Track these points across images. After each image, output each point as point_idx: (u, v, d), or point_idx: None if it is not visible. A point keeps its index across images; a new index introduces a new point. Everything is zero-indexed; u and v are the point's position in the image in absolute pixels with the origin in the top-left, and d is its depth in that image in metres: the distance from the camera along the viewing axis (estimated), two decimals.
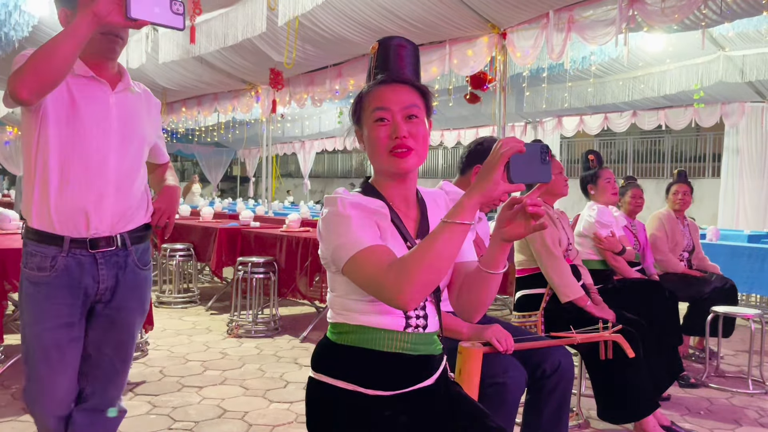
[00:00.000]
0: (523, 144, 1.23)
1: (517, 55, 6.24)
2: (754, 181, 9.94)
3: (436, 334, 1.53)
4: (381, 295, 1.31)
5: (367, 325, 1.45)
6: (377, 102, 1.42)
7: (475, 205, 1.24)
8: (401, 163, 1.41)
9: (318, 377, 1.50)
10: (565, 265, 3.02)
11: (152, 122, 2.07)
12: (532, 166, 1.25)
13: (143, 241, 2.00)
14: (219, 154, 17.78)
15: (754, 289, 5.44)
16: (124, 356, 2.01)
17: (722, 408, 3.44)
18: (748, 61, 8.02)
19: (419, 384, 1.47)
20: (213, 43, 6.99)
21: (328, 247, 1.41)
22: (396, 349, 1.44)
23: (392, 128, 1.40)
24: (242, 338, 4.79)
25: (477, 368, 1.88)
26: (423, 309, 1.49)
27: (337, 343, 1.49)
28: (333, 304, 1.51)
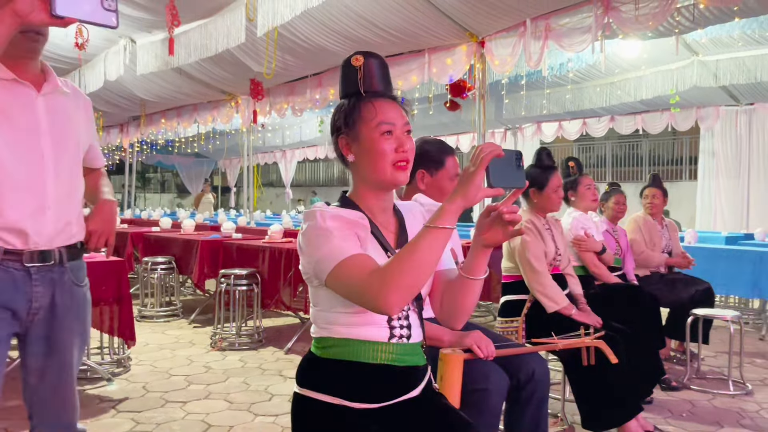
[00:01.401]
0: (502, 149, 1.26)
1: (496, 62, 6.30)
2: (730, 183, 10.11)
3: (420, 344, 1.55)
4: (364, 302, 1.32)
5: (351, 337, 1.46)
6: (383, 116, 1.44)
7: (458, 209, 1.27)
8: (402, 175, 1.46)
9: (303, 392, 1.50)
10: (548, 277, 3.05)
11: (86, 123, 1.94)
12: (509, 171, 1.30)
13: (78, 257, 1.89)
14: (199, 165, 17.65)
15: (732, 290, 5.53)
16: (69, 380, 1.89)
17: (704, 410, 3.49)
18: (722, 66, 8.18)
19: (405, 395, 1.48)
20: (192, 54, 6.96)
21: (309, 261, 1.42)
22: (381, 361, 1.45)
23: (398, 143, 1.45)
24: (226, 351, 4.75)
25: (458, 375, 1.89)
26: (406, 319, 1.50)
27: (321, 357, 1.49)
28: (316, 318, 1.52)
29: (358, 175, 1.52)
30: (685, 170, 13.83)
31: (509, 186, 1.31)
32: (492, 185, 1.27)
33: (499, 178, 1.27)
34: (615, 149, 15.53)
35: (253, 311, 5.02)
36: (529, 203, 3.21)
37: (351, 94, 1.51)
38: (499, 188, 1.28)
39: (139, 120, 10.04)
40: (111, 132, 11.31)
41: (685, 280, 4.39)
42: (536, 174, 3.13)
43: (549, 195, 3.11)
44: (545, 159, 3.19)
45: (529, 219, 3.12)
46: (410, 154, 1.47)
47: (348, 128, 1.49)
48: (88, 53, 7.59)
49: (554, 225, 3.28)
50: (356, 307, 1.41)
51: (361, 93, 1.49)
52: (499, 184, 1.27)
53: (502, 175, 1.28)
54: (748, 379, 3.98)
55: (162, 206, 17.93)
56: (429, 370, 1.60)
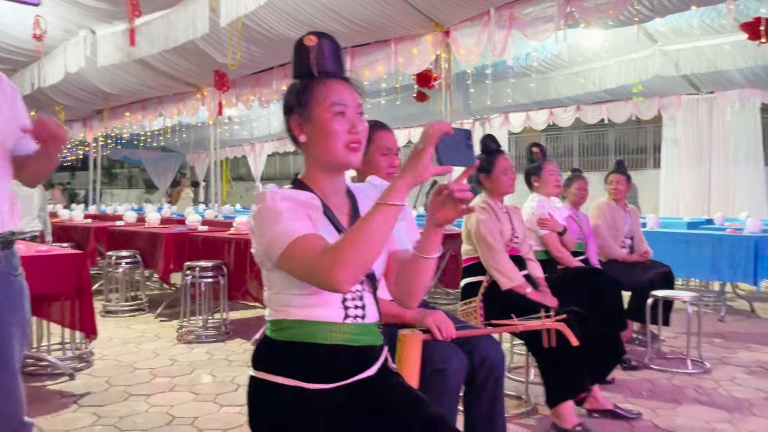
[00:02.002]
0: (451, 127, 1.27)
1: (461, 52, 6.33)
2: (692, 171, 10.33)
3: (376, 324, 1.55)
4: (316, 280, 1.32)
5: (305, 319, 1.46)
6: (336, 97, 1.44)
7: (407, 186, 1.27)
8: (355, 156, 1.46)
9: (258, 375, 1.49)
10: (503, 254, 3.08)
11: (12, 111, 1.87)
12: (459, 150, 1.31)
13: (11, 246, 1.85)
14: (167, 160, 17.38)
15: (693, 273, 5.67)
16: (12, 373, 1.84)
17: (663, 388, 3.57)
18: (682, 55, 8.33)
19: (360, 375, 1.48)
20: (154, 45, 6.86)
21: (261, 242, 1.41)
22: (336, 341, 1.45)
23: (350, 124, 1.44)
24: (192, 344, 4.71)
25: (417, 355, 1.90)
26: (361, 299, 1.50)
27: (276, 340, 1.49)
28: (270, 301, 1.51)
29: (310, 157, 1.52)
30: (649, 159, 14.09)
31: (459, 164, 1.32)
32: (441, 163, 1.28)
33: (448, 156, 1.28)
34: (582, 139, 15.76)
35: (220, 303, 4.98)
36: (484, 189, 3.24)
37: (303, 75, 1.50)
38: (448, 166, 1.29)
39: (103, 114, 9.84)
40: (74, 126, 11.06)
41: (645, 264, 4.48)
42: (483, 160, 3.17)
43: (498, 178, 3.14)
44: (490, 144, 3.22)
45: (484, 200, 3.15)
46: (363, 135, 1.47)
47: (300, 108, 1.48)
48: (46, 45, 7.43)
49: (513, 211, 3.32)
50: (310, 288, 1.41)
51: (313, 73, 1.48)
52: (448, 161, 1.28)
53: (452, 153, 1.29)
54: (706, 358, 4.09)
55: (130, 202, 17.64)
56: (386, 350, 1.60)
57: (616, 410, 3.11)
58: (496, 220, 3.12)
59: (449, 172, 1.31)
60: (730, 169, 9.99)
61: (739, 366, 4.01)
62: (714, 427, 2.97)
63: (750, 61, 7.86)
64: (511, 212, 3.28)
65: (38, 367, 3.99)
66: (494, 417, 2.38)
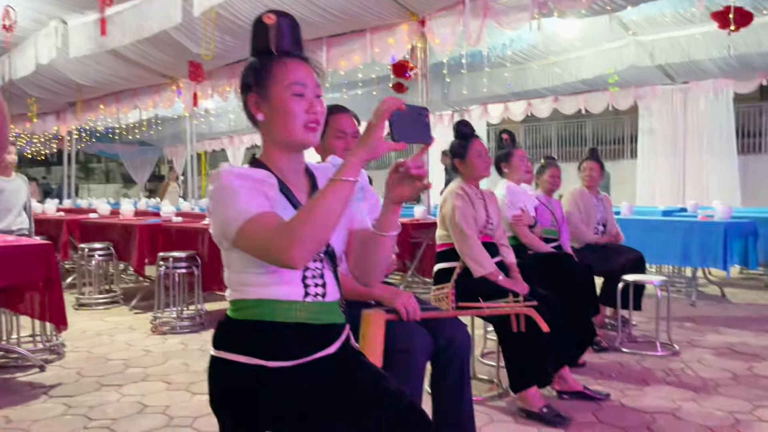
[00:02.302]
0: (404, 103, 1.27)
1: (436, 41, 6.34)
2: (667, 161, 10.47)
3: (337, 303, 1.55)
4: (271, 258, 1.32)
5: (265, 297, 1.45)
6: (294, 77, 1.44)
7: (360, 161, 1.28)
8: (314, 136, 1.46)
9: (219, 354, 1.49)
10: (476, 242, 3.10)
11: None
12: (415, 127, 1.31)
13: None
14: (144, 153, 17.20)
15: (665, 260, 5.74)
16: None
17: (632, 370, 3.62)
18: (657, 45, 8.42)
19: (320, 353, 1.48)
20: (126, 35, 6.76)
21: (217, 221, 1.40)
22: (296, 319, 1.46)
23: (308, 104, 1.44)
24: (167, 335, 4.68)
25: (380, 334, 1.90)
26: (321, 277, 1.50)
27: (236, 320, 1.49)
28: (230, 281, 1.51)
29: (267, 136, 1.52)
30: (626, 149, 14.23)
31: (414, 141, 1.32)
32: (395, 139, 1.28)
33: (402, 133, 1.28)
34: (560, 130, 15.87)
35: (195, 294, 4.94)
36: (459, 174, 3.25)
37: (262, 53, 1.49)
38: (403, 142, 1.29)
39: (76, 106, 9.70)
40: (47, 119, 10.88)
41: (617, 250, 4.53)
42: (456, 144, 3.20)
43: (472, 161, 3.15)
44: (462, 128, 3.23)
45: (460, 186, 3.16)
46: (321, 115, 1.48)
47: (258, 87, 1.47)
48: (16, 36, 7.30)
49: (488, 196, 3.33)
50: (269, 266, 1.41)
51: (272, 52, 1.47)
52: (402, 138, 1.28)
53: (407, 129, 1.29)
54: (676, 341, 4.15)
55: (107, 197, 17.43)
56: (348, 328, 1.61)
57: (585, 391, 3.15)
58: (471, 207, 3.13)
59: (404, 149, 1.31)
60: (705, 159, 10.14)
61: (707, 348, 4.08)
62: (679, 406, 3.02)
63: (723, 50, 7.96)
64: (486, 197, 3.30)
65: (8, 360, 3.94)
66: (461, 398, 2.39)
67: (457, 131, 3.26)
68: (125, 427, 2.89)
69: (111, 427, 2.89)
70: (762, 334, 4.44)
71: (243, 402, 1.44)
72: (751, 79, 9.05)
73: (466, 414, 2.40)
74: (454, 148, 3.23)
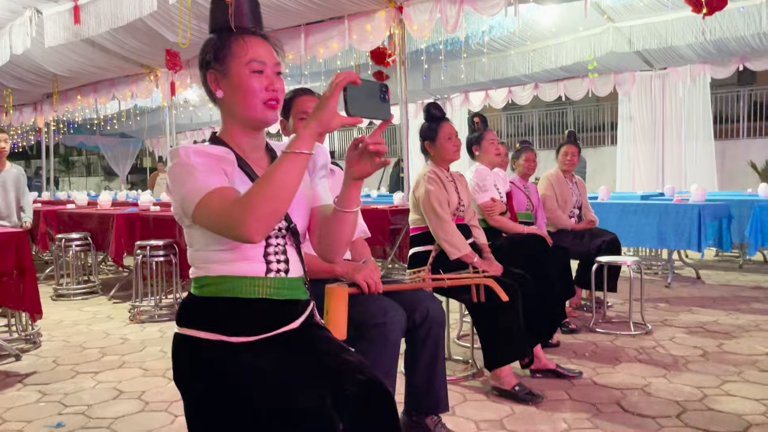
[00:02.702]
0: (359, 77, 1.27)
1: (414, 28, 6.32)
2: (646, 147, 10.56)
3: (301, 279, 1.56)
4: (228, 233, 1.32)
5: (227, 274, 1.46)
6: (254, 54, 1.44)
7: (312, 134, 1.28)
8: (273, 114, 1.47)
9: (182, 331, 1.50)
10: (451, 224, 3.12)
11: None
12: (372, 102, 1.31)
13: None
14: (125, 145, 17.01)
15: (642, 242, 5.81)
16: None
17: (605, 349, 3.68)
18: (635, 32, 8.46)
19: (283, 328, 1.49)
20: (102, 24, 6.66)
21: (176, 199, 1.41)
22: (258, 295, 1.46)
23: (268, 81, 1.45)
24: (145, 324, 4.67)
25: (343, 308, 1.92)
26: (284, 253, 1.51)
27: (199, 296, 1.50)
28: (193, 259, 1.51)
29: (227, 113, 1.52)
30: (606, 136, 14.32)
31: (370, 116, 1.32)
32: (349, 113, 1.28)
33: (357, 107, 1.28)
34: (541, 118, 15.93)
35: (173, 282, 4.93)
36: (430, 157, 3.27)
37: (221, 30, 1.49)
38: (357, 117, 1.29)
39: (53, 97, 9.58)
40: (24, 111, 10.73)
41: (592, 233, 4.58)
42: (426, 127, 3.21)
43: (442, 144, 3.17)
44: (433, 111, 3.24)
45: (431, 170, 3.18)
46: (280, 93, 1.48)
47: (217, 64, 1.47)
48: None
49: (458, 179, 3.36)
50: (230, 243, 1.41)
51: (231, 28, 1.47)
52: (356, 112, 1.28)
53: (362, 104, 1.29)
54: (649, 320, 4.22)
55: (88, 189, 17.27)
56: (312, 304, 1.62)
57: (557, 370, 3.20)
58: (443, 190, 3.15)
59: (358, 123, 1.32)
60: (683, 144, 10.25)
61: (679, 327, 4.14)
62: (649, 383, 3.08)
63: (699, 36, 8.03)
64: (456, 180, 3.32)
65: None
66: (434, 374, 2.43)
67: (427, 114, 3.27)
68: (100, 412, 2.90)
69: (86, 413, 2.89)
70: (733, 313, 4.52)
71: (205, 377, 1.44)
72: (727, 64, 9.14)
73: (440, 387, 2.44)
74: (424, 131, 3.25)
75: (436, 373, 2.43)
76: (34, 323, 4.05)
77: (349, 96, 1.27)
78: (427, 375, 2.41)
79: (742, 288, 5.51)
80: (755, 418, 2.61)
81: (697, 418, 2.62)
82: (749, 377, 3.13)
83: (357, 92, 1.28)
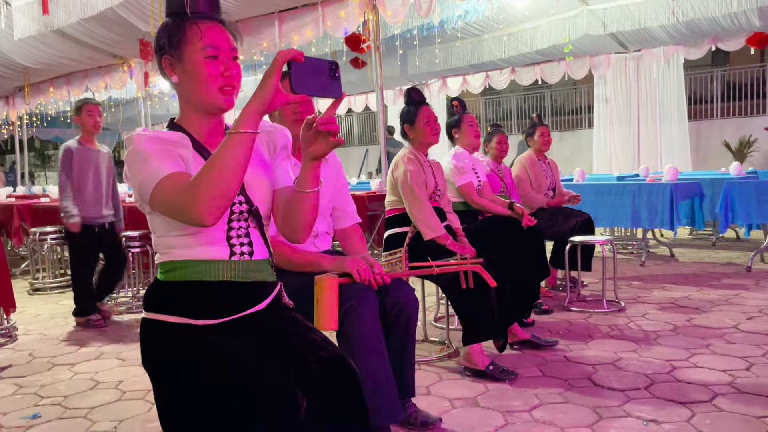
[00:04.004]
0: (302, 54, 1.27)
1: (388, 13, 6.30)
2: (622, 129, 10.67)
3: (267, 261, 1.57)
4: (181, 216, 1.33)
5: (191, 258, 1.47)
6: (209, 40, 1.43)
7: (255, 113, 1.28)
8: (229, 99, 1.47)
9: (149, 316, 1.50)
10: (428, 205, 3.16)
11: None
12: (320, 79, 1.29)
13: None
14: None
15: (617, 222, 5.89)
16: None
17: (579, 326, 3.75)
18: (609, 14, 8.51)
19: (249, 310, 1.51)
20: (72, 14, 6.57)
21: (134, 186, 1.41)
22: (223, 278, 1.48)
23: (223, 66, 1.44)
24: (123, 315, 4.65)
25: (333, 298, 1.91)
26: (247, 236, 1.53)
27: (165, 281, 1.51)
28: (157, 245, 1.52)
29: (183, 98, 1.52)
30: (584, 119, 14.43)
31: (318, 94, 1.31)
32: (294, 91, 1.27)
33: (303, 85, 1.26)
34: (520, 102, 16.01)
35: (150, 272, 4.91)
36: (409, 140, 3.30)
37: (176, 14, 1.49)
38: (303, 94, 1.29)
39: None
40: None
41: (566, 213, 4.64)
42: (406, 111, 3.26)
43: (421, 127, 3.21)
44: (413, 95, 3.29)
45: (411, 151, 3.22)
46: (236, 79, 1.47)
47: (172, 48, 1.47)
48: None
49: (435, 165, 3.40)
50: (191, 228, 1.42)
51: (186, 13, 1.47)
52: (302, 90, 1.26)
53: (309, 82, 1.27)
54: (622, 298, 4.30)
55: None
56: (280, 286, 1.63)
57: (533, 340, 3.27)
58: (422, 172, 3.19)
59: (303, 101, 1.31)
60: (658, 125, 10.37)
61: (651, 303, 4.23)
62: (620, 357, 3.15)
63: (671, 17, 8.10)
64: (433, 166, 3.36)
65: None
66: (403, 359, 2.43)
67: (407, 98, 3.31)
68: (77, 402, 2.90)
69: (62, 403, 2.89)
70: (705, 289, 4.62)
71: (172, 361, 1.46)
72: (700, 45, 9.22)
73: (408, 373, 2.45)
74: (403, 115, 3.29)
75: (405, 359, 2.42)
76: (8, 317, 4.02)
77: (294, 74, 1.25)
78: (396, 360, 2.41)
79: (714, 264, 5.62)
80: (721, 388, 2.69)
81: (664, 390, 2.69)
82: (717, 349, 3.21)
83: (302, 69, 1.26)
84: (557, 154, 4.93)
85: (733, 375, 2.83)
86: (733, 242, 6.96)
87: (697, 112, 12.59)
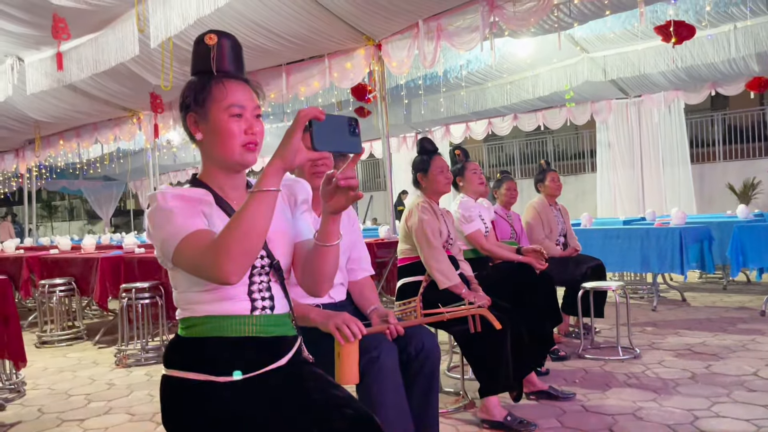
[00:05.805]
0: (323, 113, 1.29)
1: (393, 64, 6.45)
2: (625, 172, 10.74)
3: (287, 315, 1.57)
4: (205, 274, 1.33)
5: (212, 314, 1.47)
6: (234, 98, 1.46)
7: (278, 170, 1.29)
8: (252, 156, 1.49)
9: (169, 373, 1.49)
10: (443, 254, 3.16)
11: None
12: (340, 136, 1.31)
13: None
14: (108, 188, 16.95)
15: (626, 267, 5.87)
16: None
17: (595, 375, 3.69)
18: (609, 61, 8.69)
19: (270, 366, 1.49)
20: (84, 69, 6.72)
21: (156, 243, 1.42)
22: (245, 334, 1.47)
23: (247, 125, 1.47)
24: (132, 368, 4.60)
25: (354, 351, 1.88)
26: (268, 290, 1.53)
27: (186, 338, 1.50)
28: (178, 301, 1.52)
29: (206, 155, 1.54)
30: (587, 163, 14.54)
31: (338, 150, 1.33)
32: (315, 148, 1.28)
33: (324, 142, 1.28)
34: (522, 148, 16.16)
35: (159, 324, 4.88)
36: (421, 189, 3.33)
37: (202, 73, 1.52)
38: (324, 151, 1.31)
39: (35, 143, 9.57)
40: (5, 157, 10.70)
41: (576, 259, 4.62)
42: (419, 160, 3.30)
43: (434, 177, 3.24)
44: (426, 145, 3.33)
45: (424, 200, 3.24)
46: (259, 136, 1.50)
47: (197, 106, 1.49)
48: None
49: (446, 214, 3.42)
50: (212, 284, 1.42)
51: (212, 72, 1.50)
52: (323, 147, 1.28)
53: (330, 139, 1.29)
54: (637, 344, 4.24)
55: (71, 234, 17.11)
56: (300, 340, 1.62)
57: (551, 391, 3.22)
58: (436, 220, 3.21)
59: (325, 158, 1.33)
60: (661, 169, 10.44)
61: (667, 350, 4.17)
62: (640, 407, 3.09)
63: (670, 64, 8.25)
64: (444, 215, 3.38)
65: None
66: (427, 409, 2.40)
67: (420, 147, 3.37)
68: None
69: None
70: (720, 334, 4.56)
71: (193, 418, 1.44)
72: (700, 90, 9.36)
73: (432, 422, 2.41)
74: (416, 164, 3.33)
75: (429, 408, 2.38)
76: (18, 371, 3.98)
77: (315, 131, 1.27)
78: (419, 409, 2.38)
79: (727, 309, 5.56)
80: None
81: None
82: (738, 398, 3.15)
83: (323, 127, 1.27)
84: (561, 198, 4.93)
85: (757, 425, 2.77)
86: (744, 285, 6.91)
87: (699, 156, 12.68)
